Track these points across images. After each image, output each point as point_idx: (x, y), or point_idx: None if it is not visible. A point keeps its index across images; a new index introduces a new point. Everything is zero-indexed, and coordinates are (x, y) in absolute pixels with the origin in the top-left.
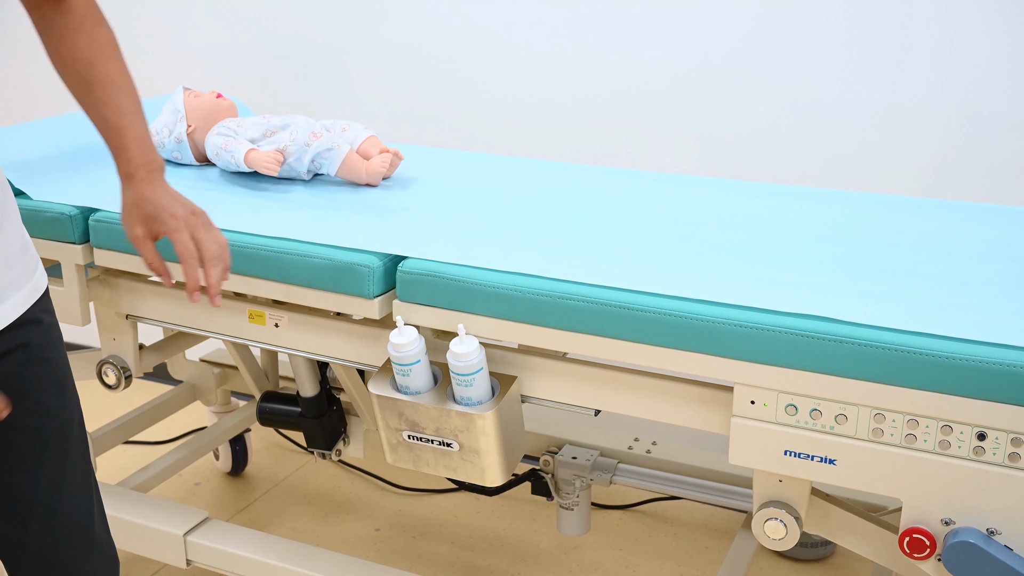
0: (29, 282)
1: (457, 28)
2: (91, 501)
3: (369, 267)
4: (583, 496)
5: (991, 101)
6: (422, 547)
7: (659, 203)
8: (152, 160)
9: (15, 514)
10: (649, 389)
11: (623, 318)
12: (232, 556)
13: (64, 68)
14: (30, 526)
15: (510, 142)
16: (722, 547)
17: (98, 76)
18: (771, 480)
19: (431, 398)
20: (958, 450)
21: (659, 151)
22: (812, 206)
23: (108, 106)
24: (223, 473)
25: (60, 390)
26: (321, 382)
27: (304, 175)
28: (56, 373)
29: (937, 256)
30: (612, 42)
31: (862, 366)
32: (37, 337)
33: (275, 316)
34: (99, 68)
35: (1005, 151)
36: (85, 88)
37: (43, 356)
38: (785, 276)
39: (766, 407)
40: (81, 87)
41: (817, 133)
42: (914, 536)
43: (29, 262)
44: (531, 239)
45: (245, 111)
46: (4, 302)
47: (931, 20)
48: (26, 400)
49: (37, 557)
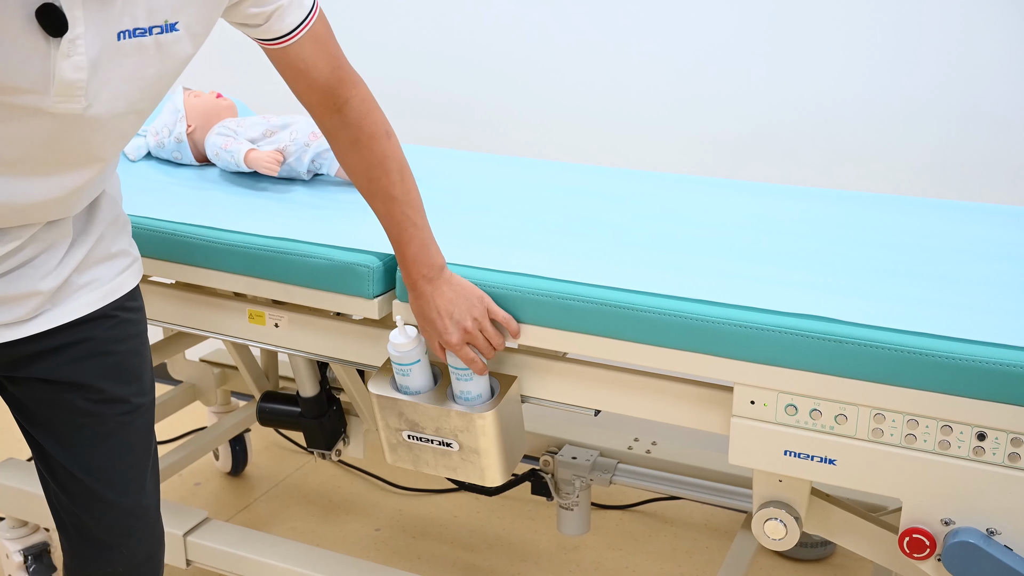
0: (111, 282)
1: (460, 28)
2: (144, 480)
3: (369, 267)
4: (583, 496)
5: (993, 100)
6: (422, 547)
7: (659, 203)
8: (430, 267)
9: (72, 485)
10: (649, 389)
11: (623, 318)
12: (232, 556)
13: (351, 177)
14: (80, 497)
15: (511, 142)
16: (722, 547)
17: (376, 191)
18: (771, 480)
19: (431, 398)
20: (958, 450)
21: (660, 151)
22: (813, 206)
23: (388, 219)
24: (223, 473)
25: (124, 380)
26: (321, 382)
27: (304, 175)
28: (123, 365)
29: (937, 256)
30: (615, 43)
31: (862, 366)
32: (105, 332)
33: (275, 316)
34: (377, 184)
35: (1006, 151)
36: (369, 198)
37: (109, 349)
38: (785, 276)
39: (766, 407)
40: (366, 196)
41: (818, 133)
42: (914, 536)
43: (117, 264)
44: (531, 239)
45: (245, 111)
46: (76, 299)
47: (932, 20)
48: (86, 390)
49: (86, 526)
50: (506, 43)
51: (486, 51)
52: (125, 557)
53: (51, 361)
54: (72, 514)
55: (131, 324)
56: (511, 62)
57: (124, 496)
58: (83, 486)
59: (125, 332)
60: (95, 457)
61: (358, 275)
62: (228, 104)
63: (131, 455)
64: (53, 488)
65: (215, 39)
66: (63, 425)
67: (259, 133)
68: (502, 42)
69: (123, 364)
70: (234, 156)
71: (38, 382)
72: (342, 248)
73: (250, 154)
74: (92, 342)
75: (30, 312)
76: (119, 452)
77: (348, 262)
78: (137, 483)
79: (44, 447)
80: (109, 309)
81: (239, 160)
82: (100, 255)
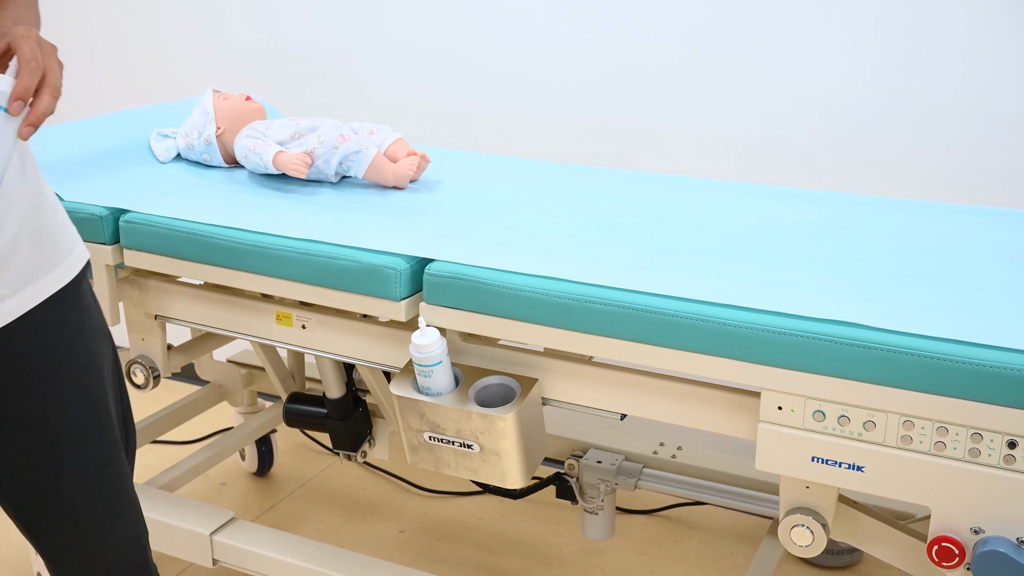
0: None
1: (483, 32)
2: (110, 486)
3: (396, 269)
4: (608, 500)
5: (1014, 103)
6: (446, 549)
7: (685, 207)
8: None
9: (38, 497)
10: (675, 394)
11: (649, 322)
12: (258, 556)
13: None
14: (52, 509)
15: (538, 146)
16: (747, 553)
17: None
18: (798, 486)
19: (452, 399)
20: (988, 458)
21: (678, 154)
22: (836, 210)
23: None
24: (249, 473)
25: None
26: (347, 384)
27: (332, 177)
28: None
29: (961, 261)
30: (633, 45)
31: (891, 372)
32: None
33: (302, 318)
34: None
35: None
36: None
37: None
38: (813, 281)
39: (793, 413)
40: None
41: (834, 136)
42: (943, 545)
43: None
44: (557, 242)
45: (274, 113)
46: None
47: (953, 23)
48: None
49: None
50: (533, 47)
51: (513, 55)
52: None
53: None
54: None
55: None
56: (538, 66)
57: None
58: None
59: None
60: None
61: (385, 277)
62: (257, 107)
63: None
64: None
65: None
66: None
67: (287, 135)
68: (528, 46)
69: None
70: (263, 158)
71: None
72: (369, 250)
73: (278, 156)
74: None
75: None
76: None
77: (375, 264)
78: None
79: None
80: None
81: (267, 162)
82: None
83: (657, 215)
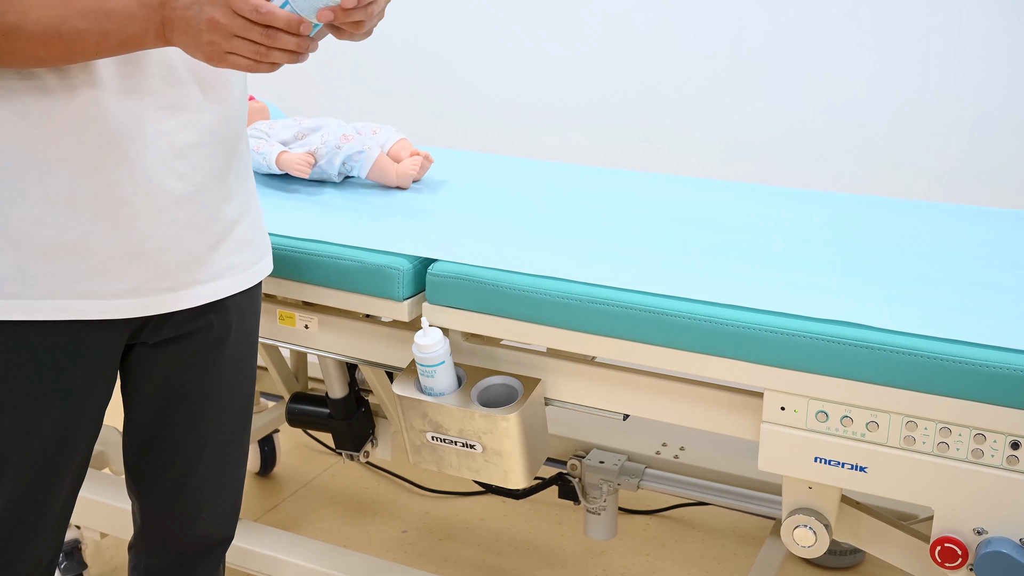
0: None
1: (487, 31)
2: (233, 465)
3: (399, 269)
4: (610, 501)
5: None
6: (449, 549)
7: (688, 207)
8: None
9: (161, 456)
10: (678, 394)
11: (652, 322)
12: (260, 556)
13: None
14: (173, 469)
15: (541, 145)
16: (750, 554)
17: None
18: (801, 487)
19: (455, 399)
20: (991, 459)
21: (686, 154)
22: (842, 211)
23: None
24: (251, 473)
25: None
26: (350, 384)
27: (335, 177)
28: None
29: (969, 262)
30: (641, 46)
31: (894, 373)
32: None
33: (305, 318)
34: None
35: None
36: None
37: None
38: (816, 281)
39: (796, 413)
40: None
41: (844, 137)
42: (946, 545)
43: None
44: (560, 243)
45: (277, 113)
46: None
47: (965, 24)
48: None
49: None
50: (536, 47)
51: (516, 55)
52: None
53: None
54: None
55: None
56: (541, 66)
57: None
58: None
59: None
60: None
61: (388, 277)
62: (260, 107)
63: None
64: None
65: None
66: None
67: (291, 135)
68: (532, 46)
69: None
70: (266, 158)
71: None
72: (372, 250)
73: (282, 156)
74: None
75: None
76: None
77: (378, 264)
78: None
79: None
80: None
81: (271, 162)
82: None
83: (659, 216)
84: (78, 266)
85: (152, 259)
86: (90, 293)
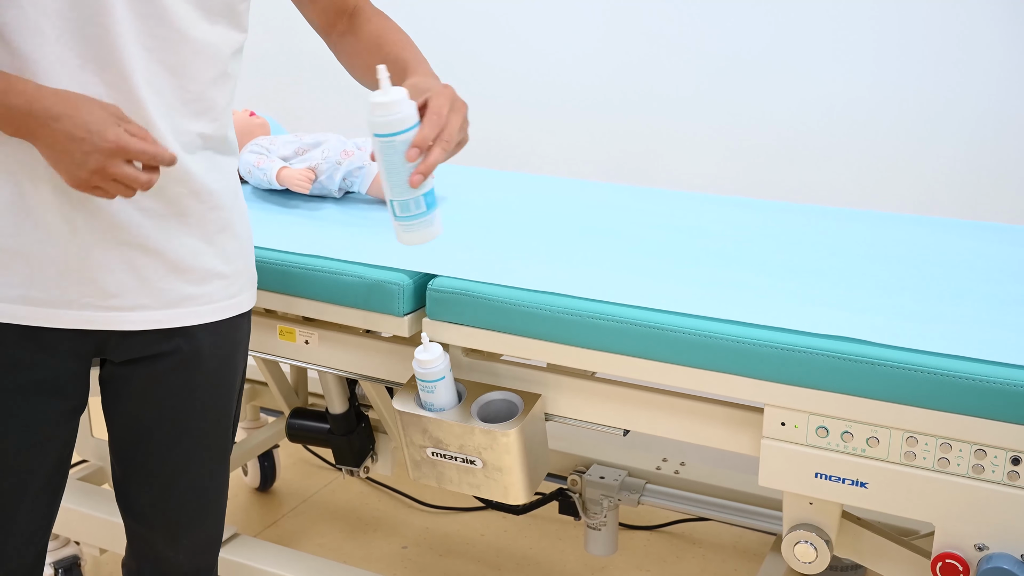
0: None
1: (485, 45)
2: (211, 493)
3: (399, 285)
4: (610, 516)
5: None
6: (449, 565)
7: (688, 222)
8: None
9: (139, 476)
10: (678, 409)
11: (653, 338)
12: (260, 572)
13: (368, 53)
14: (151, 490)
15: (541, 159)
16: (751, 569)
17: (396, 41)
18: (801, 502)
19: (455, 415)
20: (992, 474)
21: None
22: (843, 225)
23: (402, 50)
24: (251, 489)
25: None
26: (350, 399)
27: (335, 193)
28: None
29: (969, 277)
30: (640, 56)
31: (895, 388)
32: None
33: (305, 333)
34: (396, 36)
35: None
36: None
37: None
38: (817, 296)
39: (797, 429)
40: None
41: (844, 139)
42: (947, 561)
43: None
44: (560, 258)
45: (278, 129)
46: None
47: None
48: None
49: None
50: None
51: (515, 68)
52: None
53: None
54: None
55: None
56: (542, 78)
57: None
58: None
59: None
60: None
61: (388, 293)
62: (261, 122)
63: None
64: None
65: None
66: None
67: (291, 151)
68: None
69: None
70: (266, 174)
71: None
72: (373, 266)
73: (282, 172)
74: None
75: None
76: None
77: (378, 280)
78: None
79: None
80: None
81: (271, 178)
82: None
83: (660, 230)
84: (21, 272)
85: (92, 276)
86: (33, 300)
